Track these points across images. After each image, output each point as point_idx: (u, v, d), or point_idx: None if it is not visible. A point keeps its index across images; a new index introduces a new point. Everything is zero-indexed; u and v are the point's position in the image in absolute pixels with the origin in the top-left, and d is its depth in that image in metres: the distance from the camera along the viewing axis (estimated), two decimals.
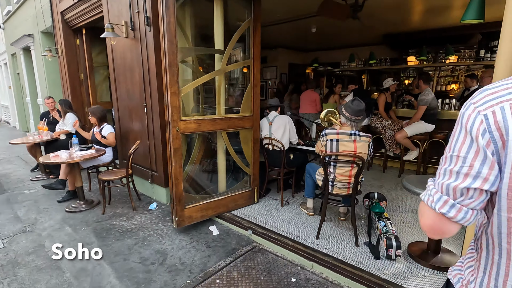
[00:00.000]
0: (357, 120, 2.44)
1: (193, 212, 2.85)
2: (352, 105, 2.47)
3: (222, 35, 2.93)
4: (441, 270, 2.16)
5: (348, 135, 2.44)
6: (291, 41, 7.54)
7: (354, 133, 2.45)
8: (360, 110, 2.44)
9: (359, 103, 2.47)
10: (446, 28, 5.42)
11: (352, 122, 2.47)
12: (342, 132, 2.46)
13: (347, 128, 2.48)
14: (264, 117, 3.40)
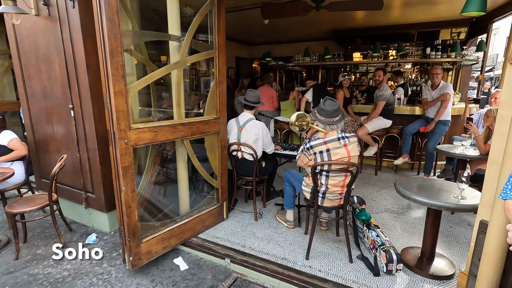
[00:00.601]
0: (336, 121, 2.14)
1: (153, 245, 2.22)
2: (325, 107, 2.16)
3: (178, 17, 2.32)
4: (440, 279, 2.05)
5: (337, 141, 2.13)
6: (238, 33, 7.07)
7: (342, 136, 2.16)
8: (336, 109, 2.15)
9: (331, 102, 2.18)
10: (389, 26, 5.68)
11: (332, 125, 2.16)
12: (330, 139, 2.14)
13: (333, 133, 2.17)
14: (233, 119, 2.90)
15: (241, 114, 2.89)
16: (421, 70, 6.43)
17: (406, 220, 2.94)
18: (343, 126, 2.26)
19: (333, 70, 7.84)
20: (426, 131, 4.07)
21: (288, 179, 2.62)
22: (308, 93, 4.61)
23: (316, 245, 2.46)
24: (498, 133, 1.64)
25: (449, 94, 3.90)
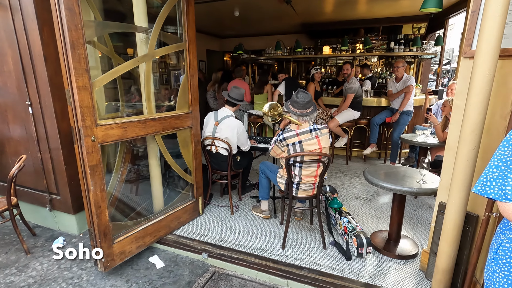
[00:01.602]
0: (308, 113, 2.20)
1: (126, 245, 2.16)
2: (298, 99, 2.20)
3: (144, 8, 2.22)
4: (405, 259, 2.20)
5: (308, 132, 2.19)
6: (208, 25, 6.92)
7: (314, 128, 2.22)
8: (308, 101, 2.20)
9: (304, 94, 2.23)
10: (357, 20, 5.87)
11: (305, 117, 2.22)
12: (302, 131, 2.19)
13: (305, 125, 2.23)
14: (212, 112, 2.85)
15: (221, 109, 2.85)
16: (386, 63, 6.75)
17: (374, 206, 3.11)
18: (315, 118, 2.32)
19: (304, 63, 7.98)
20: (392, 121, 4.30)
21: (264, 170, 2.65)
22: (281, 87, 4.66)
23: (291, 234, 2.53)
24: (454, 121, 1.78)
25: (412, 86, 4.14)
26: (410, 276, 2.02)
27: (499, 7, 1.36)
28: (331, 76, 6.58)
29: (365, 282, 1.95)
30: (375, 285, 1.93)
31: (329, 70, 7.18)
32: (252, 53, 6.81)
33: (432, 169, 2.95)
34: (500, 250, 1.01)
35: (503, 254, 0.99)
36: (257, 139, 3.30)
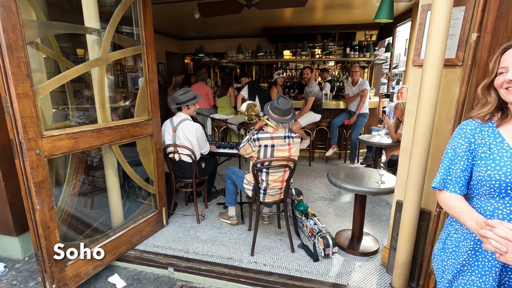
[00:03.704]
0: (288, 120, 2.21)
1: (81, 267, 1.96)
2: (279, 105, 2.19)
3: (95, 7, 2.06)
4: (368, 255, 2.32)
5: (283, 139, 2.20)
6: (167, 26, 6.68)
7: (288, 135, 2.22)
8: (289, 108, 2.20)
9: (285, 100, 2.24)
10: (316, 26, 6.10)
11: (284, 124, 2.22)
12: (277, 136, 2.19)
13: (281, 131, 2.23)
14: (168, 120, 2.73)
15: (176, 115, 2.74)
16: (343, 68, 7.12)
17: (338, 206, 3.23)
18: (291, 125, 2.32)
19: (266, 66, 8.09)
20: (350, 123, 4.53)
21: (230, 176, 2.61)
22: (244, 90, 4.65)
23: (260, 240, 2.52)
24: (407, 124, 1.92)
25: (367, 90, 4.41)
26: (373, 272, 2.13)
27: (442, 21, 1.49)
28: (292, 80, 6.75)
29: (333, 282, 2.01)
30: (342, 284, 1.99)
31: (290, 74, 7.36)
32: (214, 56, 6.72)
33: (388, 168, 3.15)
34: (448, 240, 1.10)
35: (451, 244, 1.08)
36: (221, 144, 3.24)
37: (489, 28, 1.33)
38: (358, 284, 2.00)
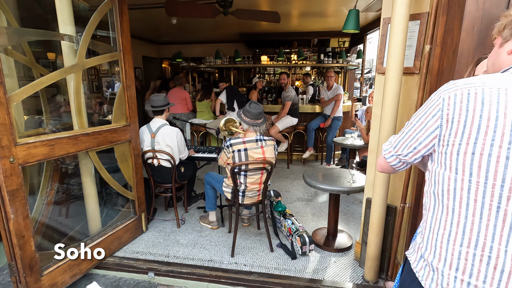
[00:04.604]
0: (259, 124, 2.32)
1: (58, 276, 1.93)
2: (251, 109, 2.30)
3: (70, 13, 2.05)
4: (343, 251, 2.45)
5: (254, 142, 2.29)
6: (144, 31, 6.62)
7: (260, 138, 2.32)
8: (260, 112, 2.32)
9: (256, 105, 2.35)
10: (292, 33, 6.30)
11: (255, 127, 2.32)
12: (248, 139, 2.28)
13: (252, 135, 2.32)
14: (144, 125, 2.73)
15: (152, 120, 2.75)
16: (318, 73, 7.38)
17: (314, 206, 3.37)
18: (263, 130, 2.42)
19: (245, 71, 8.20)
20: (325, 126, 4.72)
21: (209, 181, 2.66)
22: (222, 95, 4.72)
23: (240, 241, 2.58)
24: (373, 127, 2.07)
25: (341, 94, 4.62)
26: (347, 267, 2.26)
27: (400, 33, 1.65)
28: (269, 85, 6.91)
29: (309, 278, 2.11)
30: (318, 279, 2.10)
31: (268, 79, 7.52)
32: (192, 61, 6.73)
33: (360, 168, 3.33)
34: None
35: None
36: (200, 149, 3.28)
37: (438, 41, 1.50)
38: (333, 278, 2.11)
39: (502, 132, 0.66)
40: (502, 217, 0.68)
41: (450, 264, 0.76)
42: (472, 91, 0.71)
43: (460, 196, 0.73)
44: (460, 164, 0.72)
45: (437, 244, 0.79)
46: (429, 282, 0.81)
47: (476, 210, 0.71)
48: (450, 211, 0.76)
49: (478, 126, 0.69)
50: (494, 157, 0.67)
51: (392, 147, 0.89)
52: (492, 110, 0.68)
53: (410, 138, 0.83)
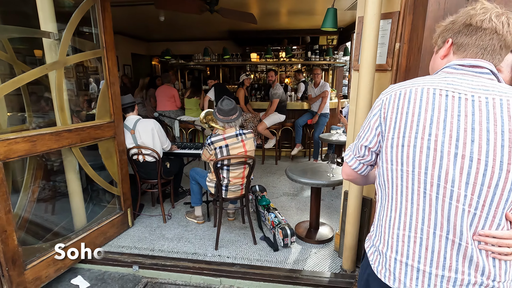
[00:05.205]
0: (233, 119, 2.35)
1: (42, 270, 1.96)
2: (223, 106, 2.34)
3: (51, 10, 2.07)
4: (324, 243, 2.53)
5: (235, 137, 2.35)
6: (133, 28, 6.59)
7: (240, 133, 2.38)
8: (232, 108, 2.35)
9: (228, 101, 2.39)
10: (282, 31, 6.35)
11: (231, 123, 2.37)
12: (229, 135, 2.33)
13: (231, 130, 2.38)
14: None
15: (127, 119, 2.76)
16: (307, 70, 7.46)
17: (300, 200, 3.44)
18: (241, 123, 2.47)
19: (236, 69, 8.23)
20: (312, 122, 4.80)
21: (194, 177, 2.71)
22: (210, 92, 4.75)
23: (224, 235, 2.64)
24: (350, 123, 2.15)
25: (327, 91, 4.70)
26: (327, 257, 2.34)
27: (372, 32, 1.72)
28: (258, 82, 6.96)
29: (290, 268, 2.19)
30: (297, 269, 2.18)
31: (258, 76, 7.57)
32: (181, 58, 6.73)
33: None
34: None
35: None
36: (186, 145, 3.32)
37: (406, 39, 1.58)
38: (313, 268, 2.19)
39: (423, 125, 0.74)
40: (428, 201, 0.76)
41: (391, 246, 0.84)
42: (402, 92, 0.80)
43: (396, 184, 0.82)
44: (394, 156, 0.80)
45: (382, 229, 0.87)
46: (377, 265, 0.89)
47: (408, 196, 0.80)
48: (390, 199, 0.84)
49: (405, 121, 0.77)
50: (418, 147, 0.75)
51: (351, 151, 0.95)
52: (416, 107, 0.76)
53: (362, 139, 0.90)
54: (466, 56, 0.80)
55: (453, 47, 0.83)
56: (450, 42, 0.83)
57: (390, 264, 0.84)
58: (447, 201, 0.74)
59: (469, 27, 0.78)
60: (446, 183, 0.73)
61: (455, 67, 0.80)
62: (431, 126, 0.74)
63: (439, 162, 0.74)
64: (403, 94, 0.79)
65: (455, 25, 0.81)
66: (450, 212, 0.74)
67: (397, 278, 0.83)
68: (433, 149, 0.74)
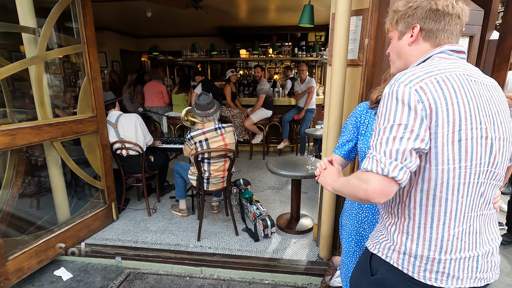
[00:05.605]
0: (211, 113, 2.40)
1: (24, 261, 2.00)
2: (200, 101, 2.39)
3: (30, 6, 2.08)
4: (303, 233, 2.61)
5: (214, 131, 2.40)
6: (121, 24, 6.56)
7: (219, 126, 2.43)
8: (209, 102, 2.40)
9: (205, 96, 2.44)
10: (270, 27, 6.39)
11: (209, 117, 2.42)
12: (208, 129, 2.39)
13: (210, 124, 2.43)
14: None
15: (109, 114, 2.80)
16: (296, 67, 7.54)
17: (284, 193, 3.52)
18: (219, 116, 2.52)
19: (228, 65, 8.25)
20: (299, 118, 4.87)
21: (177, 170, 2.76)
22: (198, 88, 4.78)
23: (207, 227, 2.70)
24: (325, 116, 2.22)
25: (313, 87, 4.77)
26: (305, 246, 2.42)
27: (343, 27, 1.79)
28: (247, 78, 7.00)
29: (268, 257, 2.26)
30: (276, 258, 2.25)
31: (247, 72, 7.60)
32: (170, 54, 6.73)
33: None
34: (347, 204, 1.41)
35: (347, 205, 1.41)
36: (172, 140, 3.36)
37: (372, 35, 1.65)
38: (291, 257, 2.27)
39: (475, 114, 0.73)
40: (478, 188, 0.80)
41: (446, 249, 0.79)
42: (439, 79, 0.73)
43: (453, 184, 0.76)
44: (451, 154, 0.73)
45: (432, 236, 0.79)
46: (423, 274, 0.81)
47: (464, 192, 0.76)
48: (442, 203, 0.77)
49: (459, 112, 0.72)
50: (474, 140, 0.73)
51: (393, 159, 0.71)
52: (462, 95, 0.73)
53: (407, 140, 0.71)
54: (440, 43, 0.81)
55: (422, 33, 0.82)
56: (418, 28, 0.81)
57: (445, 266, 0.79)
58: (489, 182, 0.79)
59: (436, 12, 0.79)
60: (493, 167, 0.77)
61: (449, 52, 0.81)
62: (479, 114, 0.73)
63: (490, 149, 0.75)
64: (441, 81, 0.73)
65: (420, 10, 0.81)
66: (487, 190, 0.80)
67: (451, 275, 0.79)
68: (485, 138, 0.74)
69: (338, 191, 0.90)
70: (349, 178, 0.83)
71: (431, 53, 0.82)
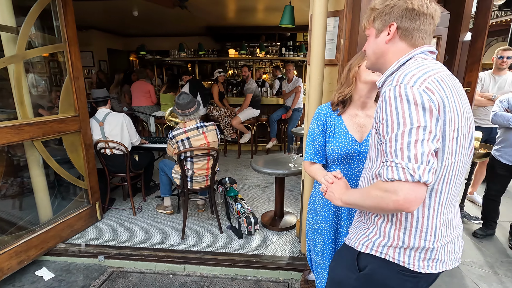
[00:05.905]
0: (192, 112, 2.42)
1: (4, 262, 1.98)
2: (180, 101, 2.41)
3: (8, 5, 2.07)
4: (287, 230, 2.66)
5: (195, 129, 2.42)
6: (108, 22, 6.49)
7: (201, 125, 2.46)
8: (189, 101, 2.42)
9: (185, 95, 2.46)
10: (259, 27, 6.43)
11: (190, 116, 2.44)
12: (189, 128, 2.41)
13: (192, 123, 2.45)
14: (91, 117, 2.77)
15: (97, 112, 2.80)
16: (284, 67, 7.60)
17: (269, 192, 3.56)
18: (200, 115, 2.54)
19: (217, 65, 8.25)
20: (286, 117, 4.92)
21: (162, 168, 2.77)
22: (185, 88, 4.78)
23: (192, 225, 2.72)
24: (305, 114, 2.26)
25: (300, 86, 4.83)
26: (288, 243, 2.47)
27: (320, 28, 1.83)
28: (235, 78, 7.03)
29: (251, 253, 2.30)
30: (259, 254, 2.29)
31: (236, 72, 7.63)
32: (158, 54, 6.70)
33: None
34: (312, 196, 1.45)
35: (312, 197, 1.46)
36: (157, 139, 3.36)
37: (347, 35, 1.70)
38: (273, 253, 2.31)
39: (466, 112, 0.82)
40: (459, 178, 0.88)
41: (438, 237, 0.85)
42: (438, 78, 0.77)
43: (448, 177, 0.83)
44: (452, 150, 0.80)
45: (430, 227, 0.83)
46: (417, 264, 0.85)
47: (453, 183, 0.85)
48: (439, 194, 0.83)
49: (456, 110, 0.78)
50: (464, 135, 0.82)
51: (419, 163, 0.70)
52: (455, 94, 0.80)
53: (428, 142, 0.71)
54: (415, 42, 0.84)
55: (398, 31, 0.83)
56: (395, 26, 0.83)
57: (436, 253, 0.86)
58: (464, 171, 0.87)
59: (412, 11, 0.81)
60: (469, 158, 0.87)
61: (427, 53, 0.85)
62: (467, 111, 0.81)
63: (469, 142, 0.84)
64: (440, 80, 0.77)
65: (396, 9, 0.82)
66: (462, 178, 0.88)
67: (439, 260, 0.86)
68: (468, 132, 0.82)
69: (352, 204, 0.91)
70: (368, 191, 0.81)
71: (413, 54, 0.84)
